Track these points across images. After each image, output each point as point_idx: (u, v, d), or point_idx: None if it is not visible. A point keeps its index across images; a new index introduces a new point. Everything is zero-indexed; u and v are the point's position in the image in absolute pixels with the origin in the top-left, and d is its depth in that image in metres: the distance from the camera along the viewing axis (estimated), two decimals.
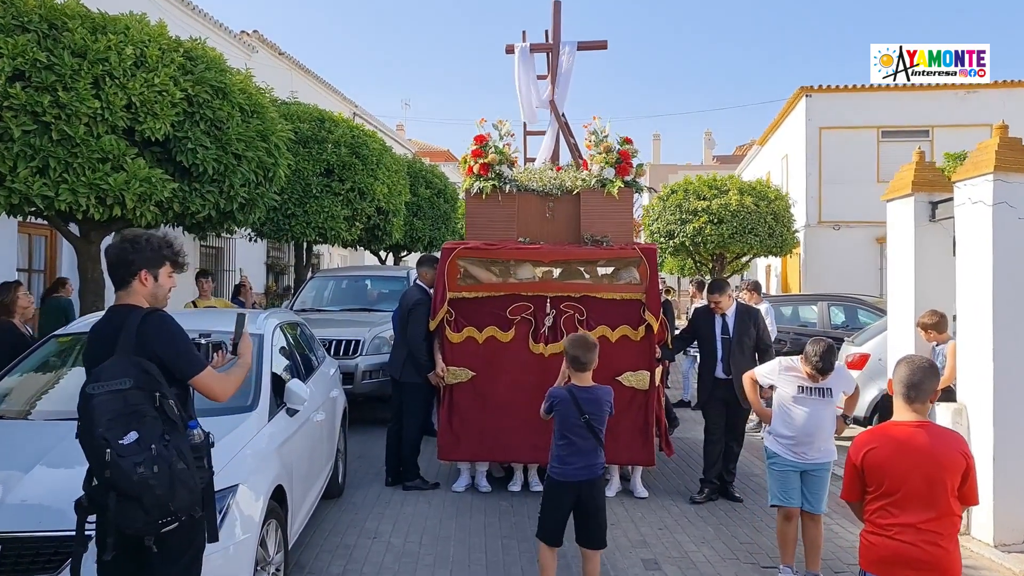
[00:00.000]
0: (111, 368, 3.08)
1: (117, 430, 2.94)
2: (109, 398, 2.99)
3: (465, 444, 7.23)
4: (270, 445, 4.77)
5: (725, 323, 7.31)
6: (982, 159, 6.12)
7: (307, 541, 5.95)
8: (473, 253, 7.34)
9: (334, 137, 13.70)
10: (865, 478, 3.46)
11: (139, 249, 3.34)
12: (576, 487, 4.64)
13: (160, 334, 3.22)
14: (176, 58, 7.64)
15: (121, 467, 2.90)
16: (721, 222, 18.36)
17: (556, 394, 4.73)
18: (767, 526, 6.58)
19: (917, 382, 3.41)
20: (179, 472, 2.99)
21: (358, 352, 10.27)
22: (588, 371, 4.70)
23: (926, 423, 3.42)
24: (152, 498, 2.93)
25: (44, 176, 6.84)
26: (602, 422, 4.69)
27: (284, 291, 20.74)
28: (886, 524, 3.39)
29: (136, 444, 2.93)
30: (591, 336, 4.91)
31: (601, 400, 4.69)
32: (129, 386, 3.03)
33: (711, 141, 50.18)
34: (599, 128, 7.67)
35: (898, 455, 3.37)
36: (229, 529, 3.92)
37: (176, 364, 3.22)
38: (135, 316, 3.23)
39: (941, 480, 3.31)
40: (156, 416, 3.03)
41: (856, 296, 14.64)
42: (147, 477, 2.91)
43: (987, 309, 6.01)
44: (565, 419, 4.65)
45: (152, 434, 2.98)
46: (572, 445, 4.63)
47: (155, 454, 2.94)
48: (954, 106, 21.78)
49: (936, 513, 3.33)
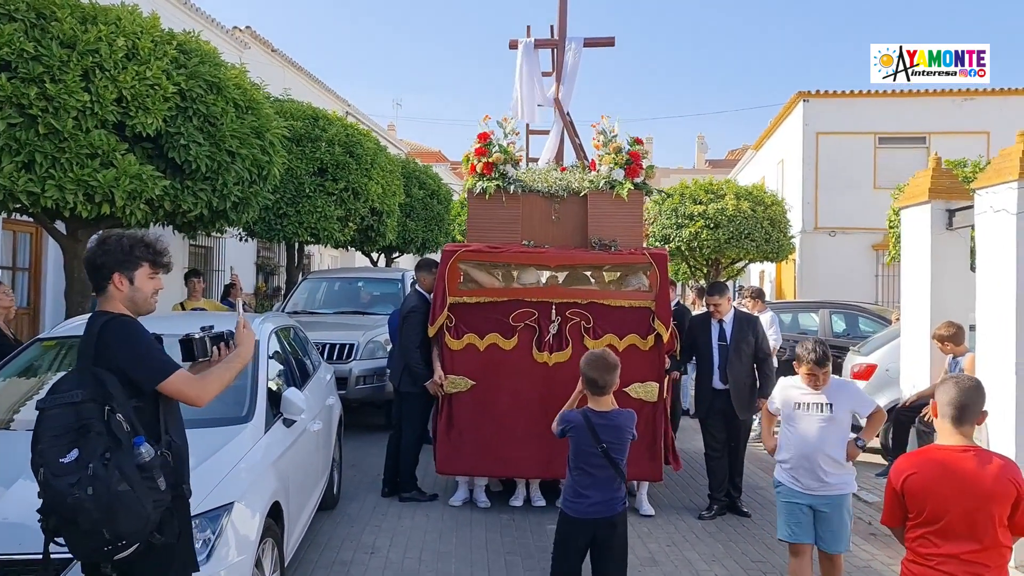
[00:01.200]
0: (68, 379, 2.85)
1: (61, 447, 2.69)
2: (60, 412, 2.75)
3: (465, 457, 6.90)
4: (266, 459, 4.51)
5: (722, 330, 7.04)
6: (1005, 166, 5.92)
7: (303, 557, 5.68)
8: (475, 256, 7.04)
9: (328, 136, 13.43)
10: (906, 504, 3.24)
11: (108, 251, 3.05)
12: (592, 525, 4.14)
13: (117, 341, 2.92)
14: (169, 51, 7.39)
15: (54, 488, 2.64)
16: (717, 227, 18.15)
17: (569, 418, 4.24)
18: (778, 543, 6.34)
19: (965, 404, 3.19)
20: (120, 494, 2.67)
21: (352, 356, 10.02)
22: (607, 394, 4.21)
23: (973, 447, 3.20)
24: (88, 522, 2.65)
25: (30, 171, 6.58)
26: (622, 451, 4.18)
27: (275, 292, 20.45)
28: (927, 554, 3.17)
29: (75, 463, 2.67)
30: (611, 355, 4.28)
31: (622, 427, 4.19)
32: (81, 399, 2.76)
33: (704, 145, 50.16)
34: (608, 127, 7.39)
35: (941, 481, 3.15)
36: (223, 550, 3.67)
37: (137, 373, 2.90)
38: (95, 324, 2.97)
39: (988, 509, 3.09)
40: (102, 432, 2.74)
41: (858, 304, 14.48)
42: (82, 500, 2.62)
43: (1010, 321, 5.81)
44: (579, 447, 4.16)
45: (92, 452, 2.69)
46: (588, 476, 4.14)
47: (91, 474, 2.65)
48: (951, 113, 21.71)
49: (982, 544, 3.10)
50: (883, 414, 4.95)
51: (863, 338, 11.70)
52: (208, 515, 3.67)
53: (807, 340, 4.76)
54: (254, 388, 4.87)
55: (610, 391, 4.20)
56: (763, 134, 28.22)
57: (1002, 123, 20.24)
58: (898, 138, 21.91)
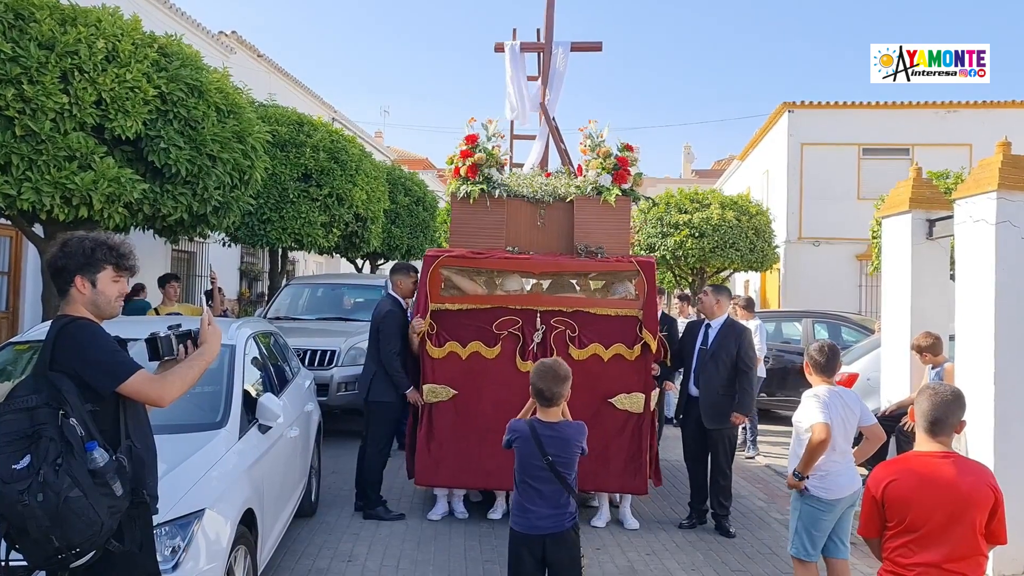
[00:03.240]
0: (24, 385, 2.80)
1: (13, 454, 2.64)
2: (14, 418, 2.70)
3: (445, 469, 6.70)
4: (240, 465, 4.45)
5: (707, 334, 6.90)
6: (984, 176, 5.95)
7: (278, 564, 5.62)
8: (458, 262, 6.87)
9: (312, 141, 13.37)
10: (885, 513, 3.22)
11: (70, 253, 2.98)
12: (540, 541, 3.89)
13: (73, 345, 2.86)
14: (150, 53, 7.35)
15: (4, 495, 2.59)
16: (702, 236, 18.20)
17: (515, 428, 4.00)
18: (758, 552, 6.35)
19: (942, 417, 3.19)
20: (71, 500, 2.62)
21: (333, 363, 9.95)
22: (556, 406, 3.96)
23: (952, 454, 3.20)
24: (38, 530, 2.60)
25: (6, 173, 6.53)
26: (569, 465, 3.94)
27: (258, 298, 20.31)
28: (908, 563, 3.15)
29: (26, 469, 2.62)
30: (563, 365, 4.01)
31: (570, 440, 3.94)
32: (36, 404, 2.72)
33: (690, 155, 50.27)
34: (595, 132, 7.26)
35: (922, 488, 3.13)
36: (194, 558, 3.61)
37: (93, 377, 2.83)
38: (53, 328, 2.93)
39: (969, 516, 3.09)
40: (54, 437, 2.68)
41: (841, 313, 14.52)
42: (32, 507, 2.58)
43: (988, 331, 5.82)
44: (524, 459, 3.93)
45: (44, 458, 2.64)
46: (532, 490, 3.90)
47: (41, 480, 2.60)
48: (934, 125, 21.86)
49: (961, 552, 3.10)
50: (880, 437, 4.85)
51: (846, 347, 11.72)
52: (178, 522, 3.61)
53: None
54: (229, 393, 4.81)
55: (559, 403, 3.96)
56: (748, 144, 28.34)
57: (984, 136, 20.35)
58: (882, 149, 22.04)
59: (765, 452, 10.11)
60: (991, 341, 5.80)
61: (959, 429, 3.33)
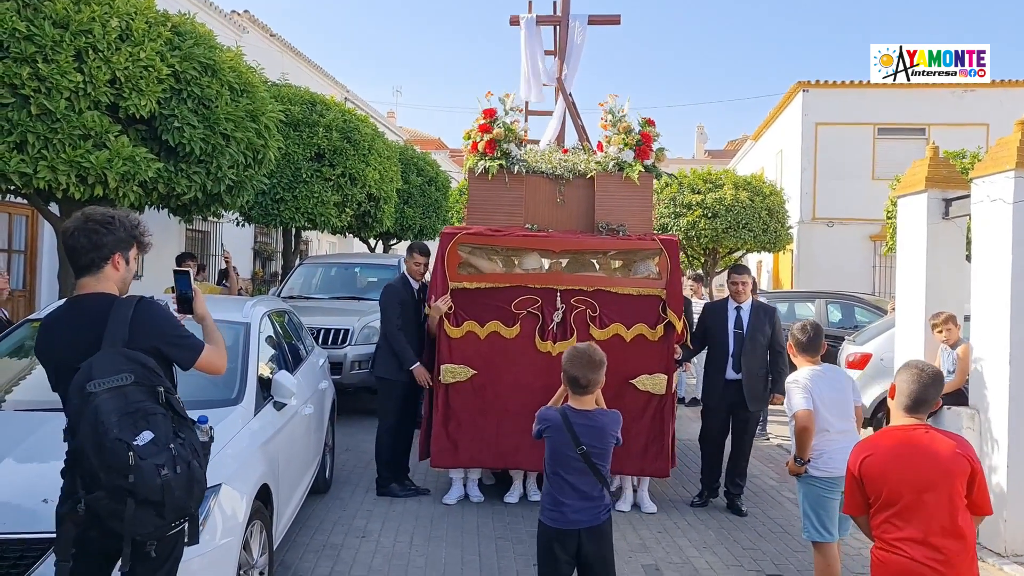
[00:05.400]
0: (104, 364, 2.77)
1: (127, 431, 2.67)
2: (110, 396, 2.71)
3: (462, 450, 6.59)
4: (255, 441, 4.49)
5: (739, 317, 6.78)
6: (1002, 155, 5.89)
7: (293, 539, 5.68)
8: (476, 239, 6.71)
9: (325, 121, 13.37)
10: (866, 489, 3.22)
11: (113, 230, 3.00)
12: (575, 536, 3.67)
13: (157, 323, 2.96)
14: (163, 32, 7.34)
15: (143, 469, 2.64)
16: (715, 216, 18.12)
17: (546, 417, 3.80)
18: (769, 531, 6.37)
19: (924, 397, 3.21)
20: (195, 471, 2.80)
21: (347, 341, 10.00)
22: (590, 394, 3.78)
23: (924, 425, 3.20)
24: (172, 500, 2.71)
25: (22, 152, 6.55)
26: (604, 456, 3.73)
27: (272, 277, 20.40)
28: (893, 540, 3.15)
29: (152, 444, 2.69)
30: (597, 351, 3.81)
31: (604, 428, 3.74)
32: (129, 382, 2.76)
33: (703, 135, 50.02)
34: (616, 107, 7.10)
35: (895, 460, 3.15)
36: (211, 532, 3.66)
37: (178, 353, 2.98)
38: (123, 306, 2.92)
39: (945, 485, 3.08)
40: (165, 413, 2.79)
41: (854, 294, 14.47)
42: (170, 479, 2.69)
43: (1005, 311, 5.78)
44: (556, 450, 3.72)
45: (167, 433, 2.75)
46: (565, 483, 3.69)
47: (175, 454, 2.72)
48: (951, 105, 21.64)
49: (944, 524, 3.08)
50: (861, 416, 4.88)
51: (859, 328, 11.70)
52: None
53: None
54: (244, 370, 4.85)
55: (594, 390, 3.78)
56: (762, 124, 28.15)
57: (1002, 115, 20.16)
58: (897, 129, 21.87)
59: (777, 433, 10.11)
60: (1007, 321, 5.77)
61: (936, 407, 3.34)
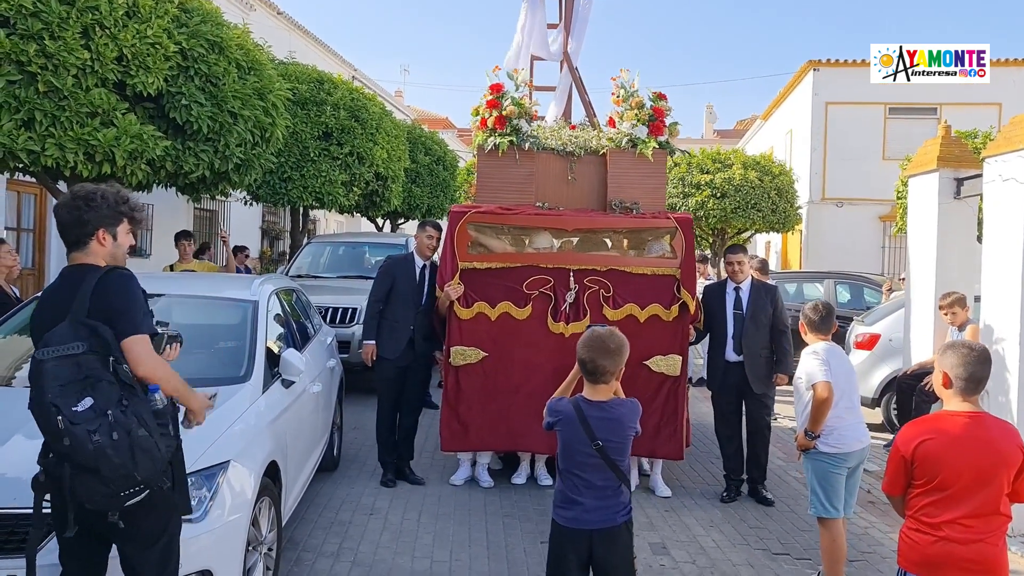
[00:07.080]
0: (62, 332, 2.84)
1: (70, 397, 2.72)
2: (59, 363, 2.77)
3: (472, 433, 6.50)
4: (264, 419, 4.51)
5: (739, 298, 6.63)
6: (1015, 134, 5.83)
7: (302, 516, 5.72)
8: (486, 218, 6.56)
9: (333, 100, 13.32)
10: (914, 471, 3.21)
11: (94, 207, 3.04)
12: (587, 537, 3.33)
13: (113, 293, 2.95)
14: (170, 9, 7.29)
15: (75, 435, 2.68)
16: (724, 196, 18.05)
17: (557, 408, 3.44)
18: (776, 509, 6.39)
19: (977, 377, 3.16)
20: (139, 439, 2.78)
21: (355, 320, 10.00)
22: (605, 384, 3.38)
23: (982, 414, 3.18)
24: (110, 468, 2.72)
25: (30, 129, 6.52)
26: (622, 451, 3.39)
27: (280, 256, 20.44)
28: (934, 522, 3.15)
29: (91, 411, 2.72)
30: (616, 336, 3.39)
31: (622, 420, 3.38)
32: (82, 351, 2.80)
33: (712, 115, 49.70)
34: (627, 82, 6.96)
35: (955, 447, 3.12)
36: (219, 509, 3.68)
37: (117, 322, 2.91)
38: (92, 276, 2.97)
39: (997, 475, 3.09)
40: (112, 381, 2.81)
41: (863, 275, 14.42)
42: (104, 446, 2.70)
43: (1016, 291, 5.74)
44: (569, 445, 3.37)
45: (108, 400, 2.76)
46: (578, 480, 3.36)
47: (112, 420, 2.73)
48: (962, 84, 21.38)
49: (988, 510, 3.11)
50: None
51: (868, 309, 11.66)
52: (203, 473, 3.68)
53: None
54: (252, 348, 4.86)
55: (608, 380, 3.38)
56: (772, 104, 27.97)
57: (1015, 94, 20.02)
58: (909, 108, 21.69)
59: (785, 414, 10.09)
60: (1018, 301, 5.73)
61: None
